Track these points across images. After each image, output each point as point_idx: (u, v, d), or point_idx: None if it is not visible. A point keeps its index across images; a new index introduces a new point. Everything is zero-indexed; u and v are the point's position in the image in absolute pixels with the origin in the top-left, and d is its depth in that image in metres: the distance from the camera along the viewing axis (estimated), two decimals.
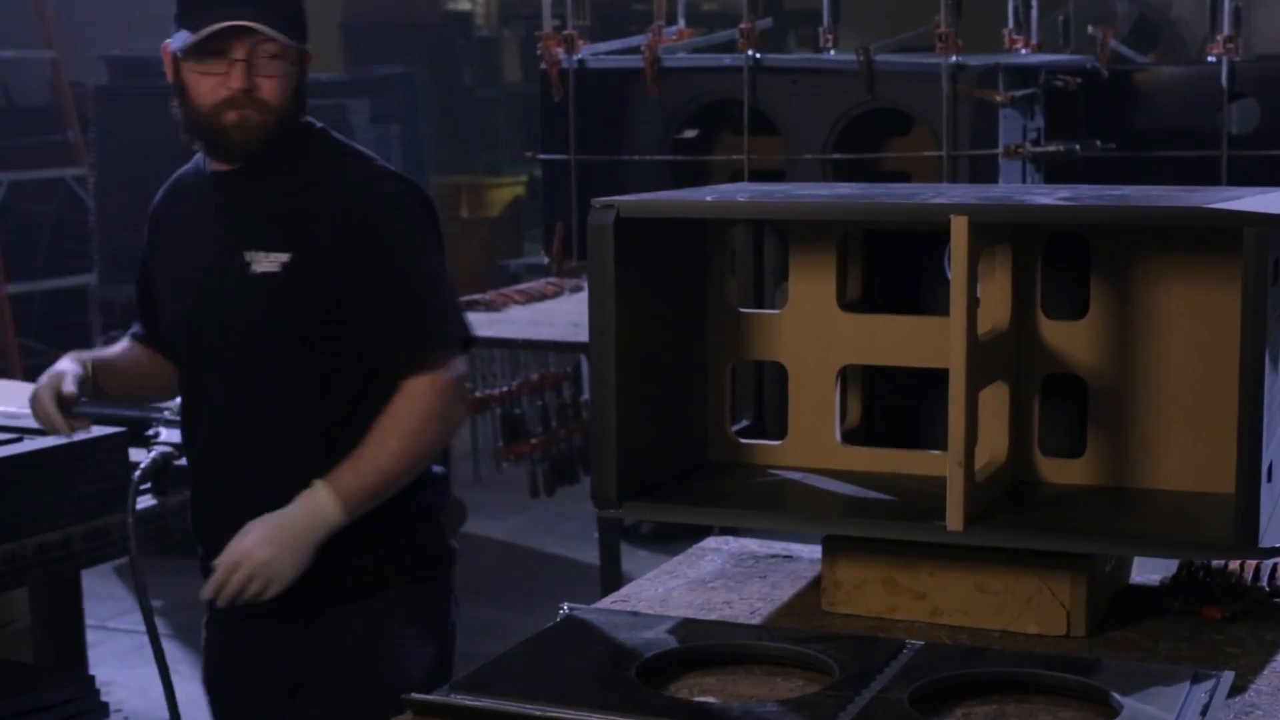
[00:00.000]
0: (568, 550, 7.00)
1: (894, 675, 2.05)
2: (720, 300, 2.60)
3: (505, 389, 5.19)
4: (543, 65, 4.47)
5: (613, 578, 5.19)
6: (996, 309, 2.42)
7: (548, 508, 6.46)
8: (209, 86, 2.75)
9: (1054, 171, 4.67)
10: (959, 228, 2.17)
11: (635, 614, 2.35)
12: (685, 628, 2.26)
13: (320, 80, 7.15)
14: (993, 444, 2.43)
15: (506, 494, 7.29)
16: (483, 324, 4.95)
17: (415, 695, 2.03)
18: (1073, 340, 2.43)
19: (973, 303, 2.21)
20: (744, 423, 2.75)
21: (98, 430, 3.15)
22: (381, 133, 7.02)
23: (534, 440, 5.16)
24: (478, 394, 5.19)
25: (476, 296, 5.25)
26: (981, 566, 2.31)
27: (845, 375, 2.62)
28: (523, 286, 5.28)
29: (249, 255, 2.81)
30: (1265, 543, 2.13)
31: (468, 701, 1.99)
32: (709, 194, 2.53)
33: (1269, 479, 2.20)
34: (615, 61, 4.55)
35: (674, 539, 6.40)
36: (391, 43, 11.73)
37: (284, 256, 2.80)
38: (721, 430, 2.64)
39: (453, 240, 10.98)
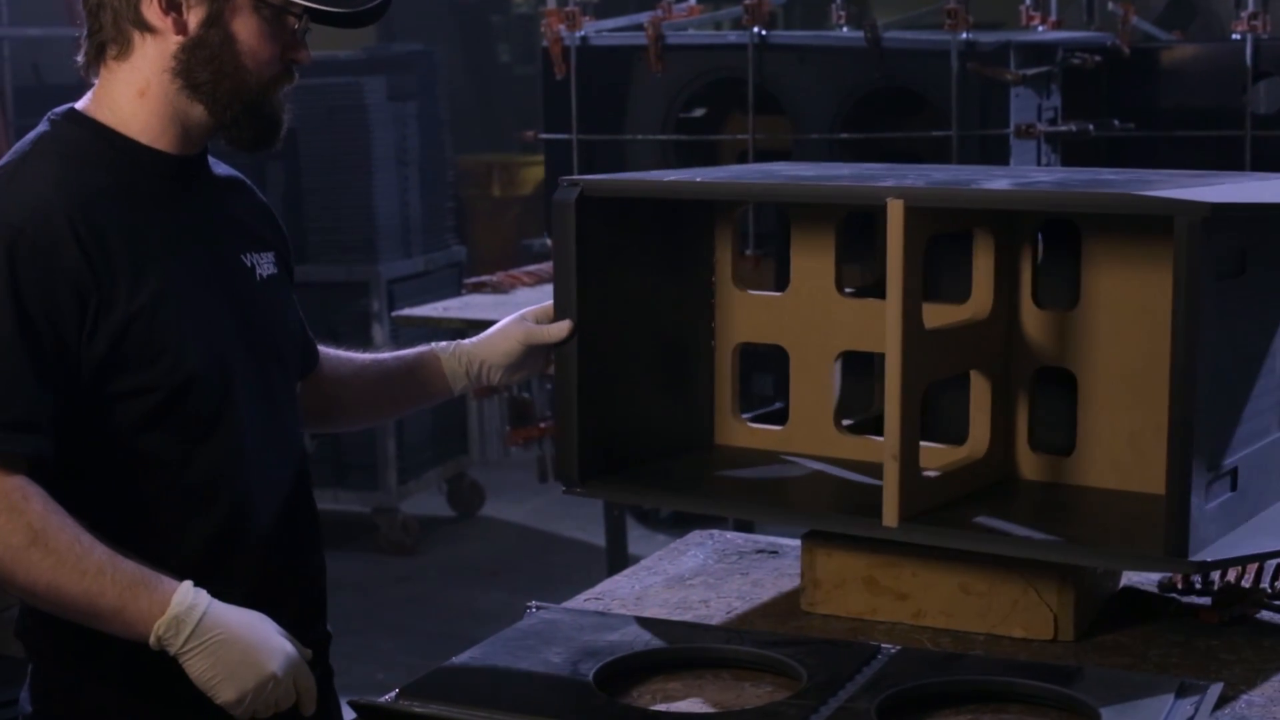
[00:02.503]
0: (585, 534, 6.93)
1: (864, 683, 1.96)
2: (725, 282, 2.54)
3: None
4: (544, 42, 4.39)
5: (619, 563, 5.11)
6: (977, 296, 2.33)
7: None
8: (272, 53, 2.11)
9: (1072, 152, 4.56)
10: (895, 211, 2.10)
11: (602, 614, 2.26)
12: (653, 629, 2.17)
13: (337, 58, 7.07)
14: (974, 438, 2.34)
15: (525, 476, 7.22)
16: (488, 306, 4.87)
17: (363, 700, 1.96)
18: (1064, 332, 2.32)
19: (913, 288, 2.13)
20: (777, 405, 2.68)
21: None
22: (398, 111, 6.93)
23: (542, 424, 5.07)
24: None
25: (484, 278, 5.16)
26: (966, 567, 2.21)
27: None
28: (532, 268, 5.17)
29: (248, 259, 2.22)
30: (1198, 555, 2.00)
31: (415, 708, 1.92)
32: (674, 175, 2.48)
33: (1233, 487, 2.09)
34: (619, 38, 4.45)
35: (692, 524, 6.31)
36: (426, 19, 11.63)
37: (271, 254, 2.28)
38: (726, 413, 2.58)
39: (484, 219, 10.98)
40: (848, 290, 2.48)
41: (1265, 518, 2.16)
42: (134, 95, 2.11)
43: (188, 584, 1.99)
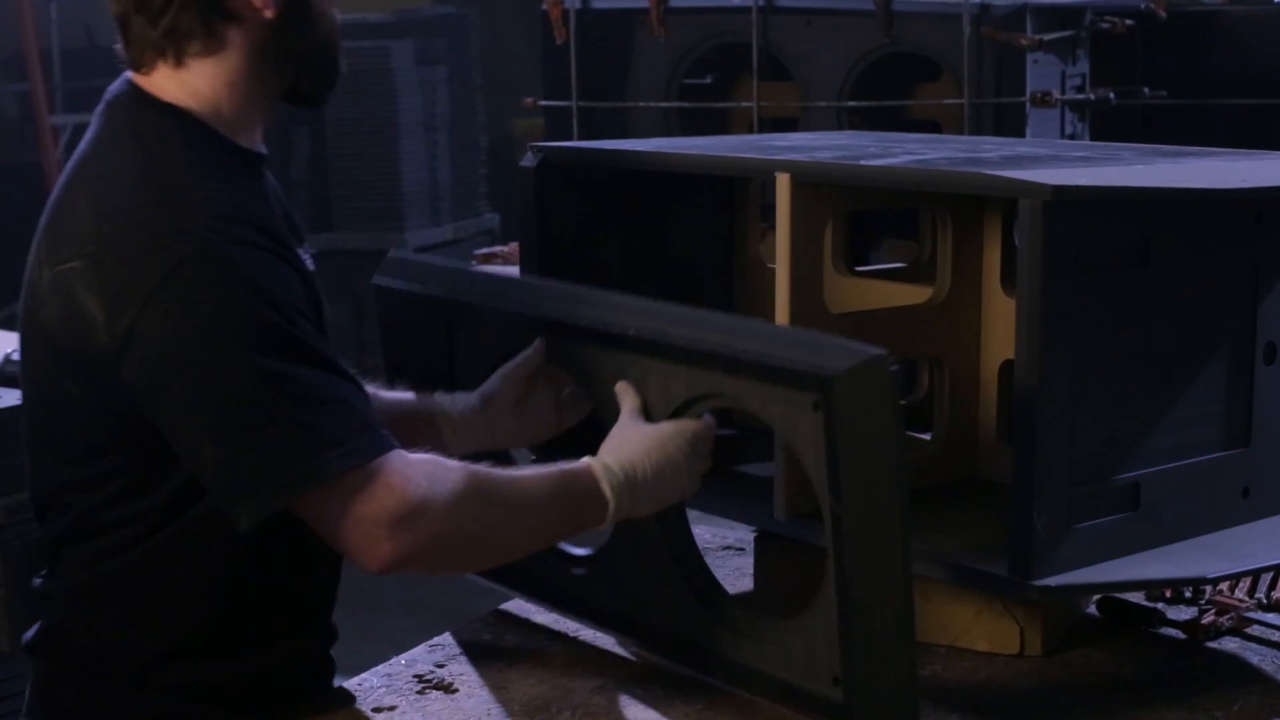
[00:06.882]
0: None
1: None
2: (747, 255, 2.50)
3: None
4: (544, 6, 4.23)
5: None
6: (937, 280, 2.21)
7: None
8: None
9: (1104, 122, 4.35)
10: (782, 185, 2.01)
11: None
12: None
13: (366, 20, 6.96)
14: (935, 433, 2.20)
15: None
16: None
17: None
18: None
19: (804, 266, 2.02)
20: None
21: None
22: (426, 75, 6.82)
23: None
24: None
25: (495, 249, 5.03)
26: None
27: None
28: None
29: (304, 254, 1.99)
30: (1053, 580, 1.84)
31: None
32: (635, 144, 2.49)
33: (1133, 506, 1.91)
34: (621, 2, 4.28)
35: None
36: None
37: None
38: None
39: None
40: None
41: (1199, 543, 1.96)
42: (223, 88, 1.87)
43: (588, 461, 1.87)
